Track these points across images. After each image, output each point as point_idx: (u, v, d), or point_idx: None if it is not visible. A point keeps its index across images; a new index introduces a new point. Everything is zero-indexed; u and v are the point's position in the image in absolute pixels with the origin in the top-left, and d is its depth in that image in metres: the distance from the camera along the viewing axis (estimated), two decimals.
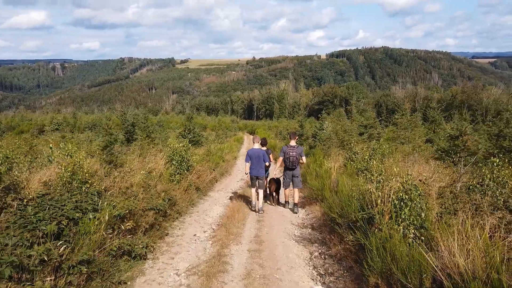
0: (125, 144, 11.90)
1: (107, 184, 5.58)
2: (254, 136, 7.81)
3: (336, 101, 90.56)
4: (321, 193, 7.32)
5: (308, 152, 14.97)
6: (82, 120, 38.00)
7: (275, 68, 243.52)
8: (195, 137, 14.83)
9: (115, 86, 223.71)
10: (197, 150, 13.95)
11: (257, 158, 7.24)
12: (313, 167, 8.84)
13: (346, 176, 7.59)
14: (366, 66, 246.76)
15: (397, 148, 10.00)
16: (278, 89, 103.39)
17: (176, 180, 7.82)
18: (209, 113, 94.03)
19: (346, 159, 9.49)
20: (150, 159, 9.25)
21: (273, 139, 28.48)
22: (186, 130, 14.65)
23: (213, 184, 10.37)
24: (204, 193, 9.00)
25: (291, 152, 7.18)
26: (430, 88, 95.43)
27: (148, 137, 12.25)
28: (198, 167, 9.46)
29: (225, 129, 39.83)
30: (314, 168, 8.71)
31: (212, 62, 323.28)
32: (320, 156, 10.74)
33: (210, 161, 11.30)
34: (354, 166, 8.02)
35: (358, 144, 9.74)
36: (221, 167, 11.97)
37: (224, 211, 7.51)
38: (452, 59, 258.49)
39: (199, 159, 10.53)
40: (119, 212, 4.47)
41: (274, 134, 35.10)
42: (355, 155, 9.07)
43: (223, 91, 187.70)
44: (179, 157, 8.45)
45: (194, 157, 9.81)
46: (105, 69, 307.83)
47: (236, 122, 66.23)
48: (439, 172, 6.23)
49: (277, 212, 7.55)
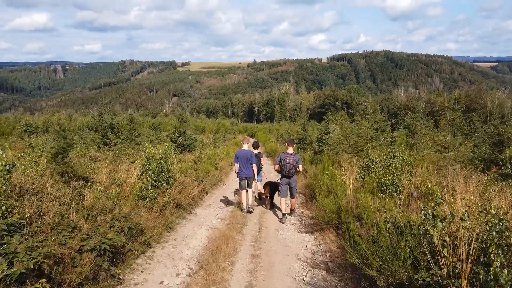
0: (102, 149, 10.25)
1: (34, 211, 3.88)
2: (244, 138, 7.78)
3: (337, 104, 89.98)
4: (337, 217, 5.62)
5: (312, 159, 13.27)
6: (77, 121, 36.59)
7: (276, 71, 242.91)
8: (186, 141, 13.14)
9: (116, 88, 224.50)
10: (188, 156, 12.26)
11: (245, 159, 7.25)
12: (322, 179, 7.14)
13: (367, 193, 5.90)
14: (367, 69, 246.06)
15: (424, 156, 8.34)
16: (279, 92, 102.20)
17: (149, 196, 6.12)
18: (209, 115, 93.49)
19: (363, 169, 7.79)
20: (124, 168, 7.57)
21: (273, 143, 26.80)
22: (176, 133, 12.99)
23: (202, 198, 8.66)
24: (188, 210, 7.29)
25: (288, 159, 6.88)
26: (432, 92, 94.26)
27: (130, 140, 10.61)
28: (182, 178, 7.76)
29: (223, 132, 38.13)
30: (324, 181, 7.02)
31: (213, 65, 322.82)
32: (328, 164, 9.03)
33: (199, 170, 9.58)
34: (375, 179, 6.32)
35: (374, 150, 8.01)
36: (212, 176, 10.26)
37: (210, 236, 5.82)
38: (453, 63, 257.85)
39: (186, 167, 8.82)
40: (25, 266, 2.77)
41: (275, 137, 33.43)
42: (373, 163, 7.38)
43: (224, 94, 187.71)
44: (156, 167, 6.77)
45: (178, 166, 8.12)
46: (106, 71, 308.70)
47: (236, 125, 64.84)
48: None
49: (278, 240, 5.85)
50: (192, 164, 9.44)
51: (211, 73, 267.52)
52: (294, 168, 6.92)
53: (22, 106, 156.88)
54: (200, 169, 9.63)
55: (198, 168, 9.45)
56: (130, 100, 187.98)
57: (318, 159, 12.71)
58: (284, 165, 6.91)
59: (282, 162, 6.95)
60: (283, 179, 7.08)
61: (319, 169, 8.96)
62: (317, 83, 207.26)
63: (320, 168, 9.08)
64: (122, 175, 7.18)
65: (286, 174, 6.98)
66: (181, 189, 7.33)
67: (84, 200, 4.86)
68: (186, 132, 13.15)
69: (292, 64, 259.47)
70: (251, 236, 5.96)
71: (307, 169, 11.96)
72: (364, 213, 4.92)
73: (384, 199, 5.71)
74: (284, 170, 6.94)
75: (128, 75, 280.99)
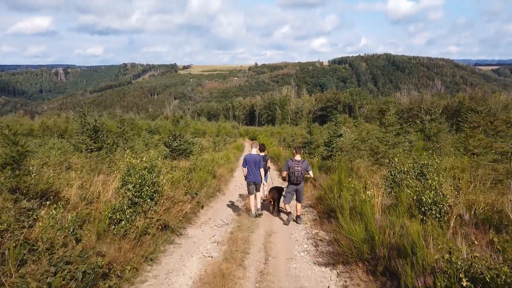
0: (80, 155, 8.96)
1: None
2: (252, 142, 7.82)
3: (339, 107, 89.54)
4: (368, 249, 4.29)
5: (321, 165, 11.96)
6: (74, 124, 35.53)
7: (277, 74, 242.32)
8: (181, 145, 11.85)
9: (117, 91, 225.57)
10: (183, 163, 10.96)
11: (254, 163, 7.21)
12: (344, 196, 5.80)
13: (404, 216, 4.59)
14: (369, 72, 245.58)
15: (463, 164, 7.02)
16: (280, 95, 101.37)
17: (125, 218, 4.82)
18: (210, 118, 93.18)
19: (388, 181, 6.47)
20: (101, 180, 6.27)
21: (276, 147, 25.49)
22: (171, 137, 11.70)
23: (196, 214, 7.34)
24: (177, 231, 5.97)
25: (296, 167, 6.78)
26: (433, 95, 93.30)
27: (117, 145, 9.33)
28: (171, 192, 6.43)
29: (224, 135, 36.85)
30: (346, 197, 5.69)
31: (215, 68, 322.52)
32: (345, 173, 7.70)
33: (194, 180, 8.25)
34: (411, 196, 5.00)
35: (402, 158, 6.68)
36: (209, 186, 8.94)
37: (202, 273, 4.51)
38: (455, 66, 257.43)
39: (178, 177, 7.51)
40: None
41: (277, 141, 32.14)
42: (402, 174, 6.07)
43: (225, 96, 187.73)
44: (138, 179, 5.49)
45: (167, 176, 6.83)
46: (107, 74, 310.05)
47: (237, 128, 63.77)
48: None
49: (290, 277, 4.52)
50: (185, 174, 8.11)
51: (212, 76, 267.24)
52: (302, 176, 6.82)
53: (23, 109, 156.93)
54: (195, 178, 8.30)
55: (192, 178, 8.12)
56: (131, 103, 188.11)
57: (328, 165, 11.41)
58: (292, 173, 6.80)
59: (290, 170, 6.82)
60: (291, 186, 6.97)
61: (334, 180, 7.62)
62: (318, 86, 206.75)
63: (335, 178, 7.74)
64: (97, 188, 5.89)
65: (294, 182, 6.86)
66: (170, 205, 6.00)
67: (28, 230, 3.56)
68: (182, 135, 11.84)
69: (293, 67, 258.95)
70: (255, 271, 4.63)
71: (316, 178, 10.65)
72: (409, 246, 3.62)
73: (426, 223, 4.40)
74: (292, 177, 6.83)
75: (130, 78, 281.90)
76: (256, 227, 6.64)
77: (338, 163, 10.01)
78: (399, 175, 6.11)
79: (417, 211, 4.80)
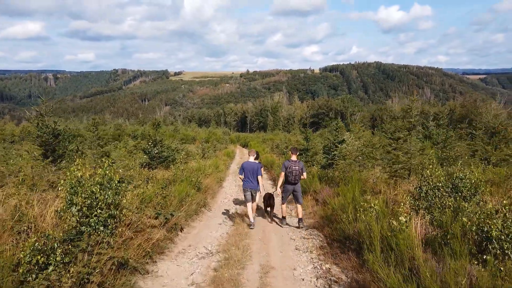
0: (44, 164, 7.36)
1: None
2: (249, 150, 7.78)
3: (331, 114, 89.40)
4: None
5: (321, 175, 10.53)
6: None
7: (269, 81, 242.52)
8: (163, 152, 10.31)
9: (108, 97, 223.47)
10: (163, 173, 9.41)
11: (252, 171, 7.20)
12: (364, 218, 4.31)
13: (462, 258, 3.17)
14: (359, 80, 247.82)
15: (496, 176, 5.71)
16: (272, 101, 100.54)
17: (55, 262, 3.27)
18: (201, 125, 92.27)
19: (415, 199, 5.06)
20: (41, 199, 4.71)
21: (268, 154, 24.01)
22: (150, 142, 10.15)
23: (172, 239, 5.79)
24: (141, 269, 4.41)
25: (294, 166, 6.93)
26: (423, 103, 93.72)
27: (81, 152, 7.77)
28: (135, 215, 4.87)
29: (214, 142, 35.24)
30: (368, 222, 4.20)
31: (206, 75, 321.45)
32: (359, 188, 6.24)
33: (172, 195, 6.67)
34: (469, 227, 3.57)
35: (436, 171, 5.24)
36: (192, 201, 7.39)
37: None
38: (443, 75, 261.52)
39: (149, 194, 5.94)
40: None
41: (270, 148, 30.68)
42: (436, 190, 4.68)
43: (216, 103, 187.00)
44: (87, 199, 3.97)
45: (134, 192, 5.29)
46: (98, 80, 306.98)
47: (228, 134, 62.27)
48: None
49: None
50: (161, 189, 6.54)
51: (204, 82, 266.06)
52: (299, 175, 6.96)
53: (10, 114, 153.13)
54: (173, 193, 6.74)
55: (169, 193, 6.55)
56: (122, 109, 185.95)
57: (330, 176, 9.99)
58: (290, 172, 6.93)
59: (288, 169, 6.96)
60: (288, 186, 7.10)
61: (347, 196, 6.13)
62: (309, 93, 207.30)
63: (346, 194, 6.27)
64: (34, 211, 4.32)
65: (292, 181, 7.00)
66: (132, 234, 4.46)
67: None
68: (162, 141, 10.30)
69: (285, 75, 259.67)
70: None
71: (317, 190, 9.21)
72: None
73: (498, 269, 2.98)
74: (290, 177, 6.96)
75: (120, 84, 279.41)
76: (248, 260, 5.12)
77: (343, 173, 8.58)
78: (433, 192, 4.69)
79: (476, 247, 3.38)
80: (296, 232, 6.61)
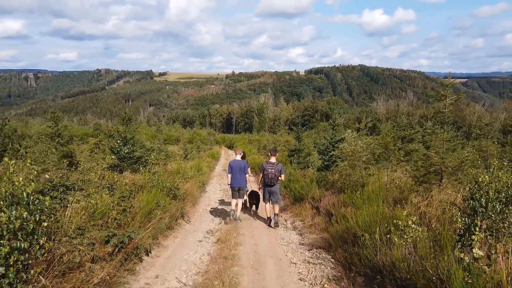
0: None
1: None
2: (236, 149, 7.98)
3: (317, 116, 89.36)
4: None
5: (319, 178, 9.19)
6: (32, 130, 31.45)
7: (254, 83, 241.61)
8: (135, 152, 8.76)
9: (90, 97, 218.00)
10: (134, 177, 7.84)
11: (239, 169, 7.26)
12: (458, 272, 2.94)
13: None
14: (344, 83, 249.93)
15: None
16: (258, 103, 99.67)
17: None
18: (186, 125, 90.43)
19: (471, 215, 3.75)
20: None
21: (255, 155, 22.63)
22: (120, 140, 8.58)
23: (132, 269, 4.29)
24: None
25: (270, 169, 6.91)
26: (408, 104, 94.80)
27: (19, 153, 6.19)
28: (66, 245, 3.33)
29: (199, 142, 33.56)
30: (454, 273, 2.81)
31: (191, 76, 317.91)
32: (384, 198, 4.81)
33: (135, 208, 5.12)
34: None
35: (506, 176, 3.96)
36: (164, 214, 5.87)
37: None
38: (426, 78, 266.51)
39: (102, 207, 4.40)
40: None
41: (257, 149, 29.33)
42: (502, 204, 3.38)
43: (201, 104, 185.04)
44: None
45: (78, 206, 3.76)
46: (80, 80, 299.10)
47: (213, 135, 60.56)
48: None
49: None
50: (122, 199, 4.99)
51: (189, 83, 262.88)
52: (276, 178, 6.90)
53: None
54: (138, 204, 5.20)
55: (130, 205, 4.99)
56: (105, 109, 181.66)
57: (329, 180, 8.67)
58: (266, 175, 6.94)
59: (264, 172, 6.97)
60: (266, 187, 7.09)
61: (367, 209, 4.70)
62: (295, 95, 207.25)
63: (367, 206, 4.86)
64: None
65: (268, 183, 6.99)
66: (60, 276, 2.95)
67: None
68: (133, 140, 8.72)
69: (271, 76, 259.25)
70: None
71: (315, 196, 7.84)
72: None
73: None
74: (266, 179, 6.96)
75: (104, 84, 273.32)
76: None
77: (346, 177, 7.24)
78: (494, 206, 3.37)
79: None
80: (297, 254, 5.22)
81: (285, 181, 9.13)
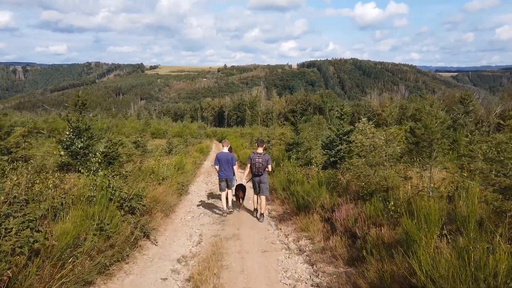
0: None
1: None
2: (223, 141, 8.04)
3: (310, 109, 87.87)
4: None
5: (330, 179, 7.37)
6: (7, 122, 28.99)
7: (246, 77, 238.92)
8: (92, 146, 6.80)
9: (80, 90, 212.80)
10: (83, 181, 5.91)
11: (226, 161, 7.40)
12: None
13: None
14: (336, 76, 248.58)
15: None
16: (250, 96, 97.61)
17: None
18: (177, 119, 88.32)
19: None
20: None
21: (248, 149, 20.80)
22: (71, 132, 6.63)
23: None
24: None
25: (257, 158, 7.05)
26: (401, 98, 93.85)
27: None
28: None
29: (188, 136, 31.56)
30: None
31: (183, 69, 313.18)
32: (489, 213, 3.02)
33: (48, 240, 3.22)
34: None
35: None
36: (118, 240, 3.99)
37: None
38: (417, 72, 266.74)
39: None
40: None
41: (249, 142, 27.52)
42: None
43: (193, 98, 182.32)
44: None
45: None
46: (70, 73, 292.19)
47: (204, 129, 58.59)
48: None
49: None
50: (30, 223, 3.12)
51: (180, 77, 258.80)
52: (263, 167, 7.00)
53: None
54: (58, 232, 3.30)
55: (45, 235, 3.07)
56: (95, 103, 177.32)
57: (340, 182, 6.86)
58: (253, 164, 7.04)
59: (252, 161, 7.08)
60: (254, 177, 7.19)
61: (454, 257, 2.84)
62: (287, 88, 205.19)
63: (428, 241, 3.03)
64: None
65: (255, 173, 7.10)
66: None
67: None
68: (90, 130, 6.77)
69: (263, 70, 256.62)
70: None
71: (325, 205, 6.03)
72: None
73: None
74: (253, 169, 7.07)
75: (94, 78, 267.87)
76: None
77: (365, 178, 5.41)
78: None
79: None
80: None
81: (284, 183, 8.65)
